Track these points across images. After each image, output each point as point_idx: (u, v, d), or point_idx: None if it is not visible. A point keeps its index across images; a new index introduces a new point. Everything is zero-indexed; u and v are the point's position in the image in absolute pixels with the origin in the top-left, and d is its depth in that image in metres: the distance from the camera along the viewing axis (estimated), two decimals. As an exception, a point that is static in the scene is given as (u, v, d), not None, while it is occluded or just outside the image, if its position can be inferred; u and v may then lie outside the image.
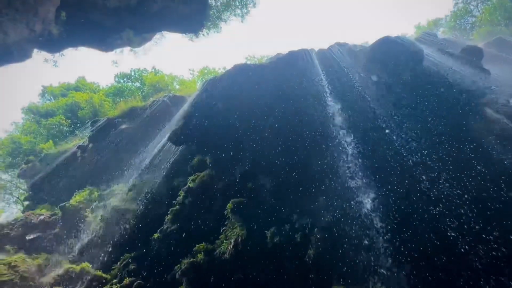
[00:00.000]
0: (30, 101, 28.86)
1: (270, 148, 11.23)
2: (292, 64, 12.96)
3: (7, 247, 14.27)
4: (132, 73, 31.50)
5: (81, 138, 22.34)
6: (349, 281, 7.11)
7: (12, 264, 12.02)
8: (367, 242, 7.49)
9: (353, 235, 7.80)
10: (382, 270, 6.91)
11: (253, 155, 11.46)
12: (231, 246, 9.38)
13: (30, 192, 21.33)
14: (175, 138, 14.11)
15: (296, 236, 8.62)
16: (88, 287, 11.01)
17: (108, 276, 11.19)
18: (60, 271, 11.64)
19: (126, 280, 10.42)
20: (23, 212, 19.37)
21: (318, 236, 8.18)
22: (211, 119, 13.02)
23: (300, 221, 8.88)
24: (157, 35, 18.39)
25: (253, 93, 12.69)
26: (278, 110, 11.89)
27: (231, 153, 11.96)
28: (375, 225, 7.69)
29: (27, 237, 14.84)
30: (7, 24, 8.44)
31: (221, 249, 9.63)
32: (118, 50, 16.14)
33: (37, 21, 9.40)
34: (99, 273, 11.25)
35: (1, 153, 25.85)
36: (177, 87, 29.28)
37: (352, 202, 8.39)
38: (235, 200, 10.44)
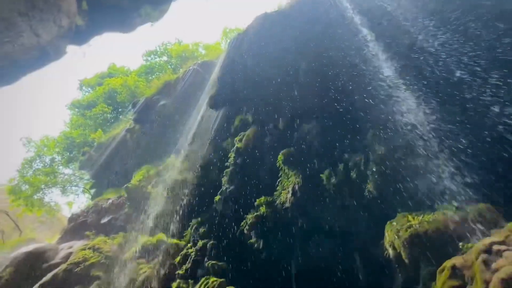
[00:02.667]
0: (73, 98, 30.11)
1: (308, 93, 11.06)
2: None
3: (87, 232, 15.63)
4: (158, 49, 31.67)
5: (126, 121, 23.20)
6: (414, 206, 7.07)
7: (96, 247, 13.23)
8: (424, 164, 7.33)
9: (410, 162, 7.65)
10: (444, 189, 6.79)
11: (293, 104, 11.37)
12: (289, 195, 9.62)
13: (93, 180, 22.88)
14: (212, 103, 14.28)
15: (351, 174, 8.63)
16: (166, 254, 11.86)
17: (182, 242, 11.98)
18: (138, 245, 12.63)
19: (200, 243, 11.11)
20: (92, 199, 20.92)
21: (374, 169, 8.13)
22: (244, 77, 12.96)
23: (353, 159, 8.83)
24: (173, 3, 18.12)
25: (280, 42, 12.37)
26: (309, 53, 11.54)
27: (270, 107, 11.94)
28: (432, 148, 7.48)
29: (102, 221, 16.13)
30: (37, 26, 8.69)
31: (280, 199, 9.91)
32: (139, 28, 16.18)
33: (62, 16, 9.57)
34: (174, 240, 12.06)
35: (59, 151, 27.61)
36: (203, 52, 29.15)
37: (403, 128, 8.17)
38: (285, 151, 10.55)
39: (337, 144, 9.60)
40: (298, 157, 10.23)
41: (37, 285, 12.57)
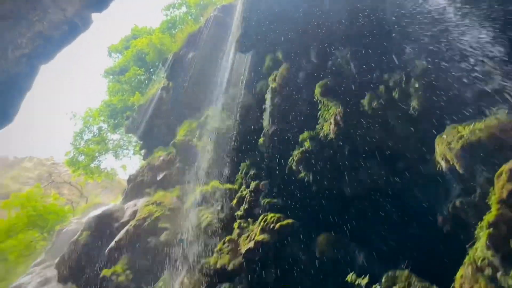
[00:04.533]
0: (106, 66, 30.72)
1: (336, 19, 10.56)
2: None
3: (146, 190, 16.72)
4: (176, 1, 30.93)
5: (159, 80, 23.54)
6: (463, 117, 6.86)
7: (158, 201, 14.21)
8: (469, 72, 6.98)
9: (454, 72, 7.31)
10: (494, 95, 6.48)
11: (321, 32, 10.96)
12: (332, 126, 9.63)
13: (141, 142, 23.92)
14: (240, 47, 14.06)
15: (393, 94, 8.42)
16: (223, 199, 12.54)
17: (235, 186, 12.55)
18: (196, 195, 13.41)
19: (252, 184, 11.59)
20: (144, 159, 22.06)
21: (417, 85, 7.86)
22: (268, 13, 12.53)
23: (393, 78, 8.57)
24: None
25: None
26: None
27: (299, 40, 11.60)
28: (477, 56, 7.06)
29: (158, 178, 17.10)
30: (59, 0, 8.80)
31: (323, 131, 9.95)
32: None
33: (80, -15, 9.55)
34: (228, 185, 12.66)
35: (103, 119, 28.87)
36: (221, -6, 28.15)
37: (443, 41, 7.71)
38: (321, 83, 10.39)
39: (374, 66, 9.30)
40: (335, 87, 10.06)
41: (113, 242, 13.89)
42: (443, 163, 6.65)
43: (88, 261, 14.85)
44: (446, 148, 6.44)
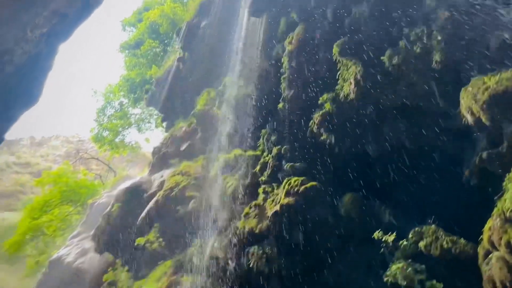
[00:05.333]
0: (121, 40, 30.71)
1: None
2: None
3: (171, 161, 17.11)
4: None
5: (175, 51, 23.45)
6: (488, 67, 6.63)
7: (183, 171, 14.57)
8: (492, 21, 6.66)
9: (477, 21, 6.98)
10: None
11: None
12: (352, 86, 9.47)
13: (162, 114, 24.22)
14: (253, 11, 13.77)
15: (415, 48, 8.16)
16: (246, 166, 12.72)
17: (258, 152, 12.68)
18: (219, 163, 13.65)
19: (274, 150, 11.68)
20: (166, 131, 22.42)
21: (439, 38, 7.57)
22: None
23: (414, 32, 8.27)
24: None
25: None
26: None
27: (313, -1, 11.27)
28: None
29: (181, 149, 17.42)
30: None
31: (343, 92, 9.81)
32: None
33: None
34: (250, 152, 12.80)
35: (123, 94, 29.24)
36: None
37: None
38: (339, 42, 10.16)
39: (394, 21, 8.97)
40: (354, 45, 9.81)
41: (143, 213, 14.46)
42: (468, 116, 6.51)
43: (121, 231, 15.57)
44: (471, 101, 6.28)
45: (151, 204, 14.42)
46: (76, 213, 27.33)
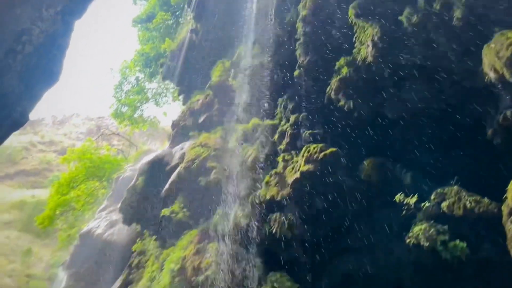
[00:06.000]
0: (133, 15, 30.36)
1: None
2: None
3: (190, 133, 17.30)
4: None
5: (187, 23, 23.15)
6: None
7: (203, 143, 14.75)
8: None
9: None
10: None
11: None
12: (370, 48, 9.26)
13: (178, 87, 24.28)
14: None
15: (434, 5, 7.87)
16: (264, 135, 12.77)
17: (276, 121, 12.68)
18: (238, 133, 13.75)
19: (292, 118, 11.66)
20: (183, 104, 22.55)
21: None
22: None
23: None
24: None
25: None
26: None
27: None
28: None
29: (199, 121, 17.55)
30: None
31: (361, 55, 9.61)
32: None
33: None
34: (268, 121, 12.82)
35: (139, 69, 29.33)
36: None
37: None
38: (354, 4, 9.90)
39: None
40: (370, 6, 9.50)
41: (167, 184, 14.83)
42: (491, 74, 6.33)
43: (147, 203, 16.09)
44: (494, 58, 6.08)
45: (173, 176, 14.76)
46: (102, 187, 28.26)
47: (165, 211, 13.97)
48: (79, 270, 24.89)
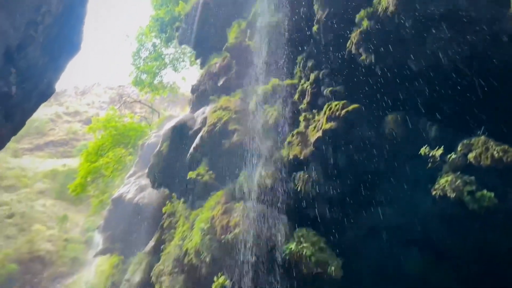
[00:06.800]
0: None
1: None
2: None
3: (211, 97, 17.34)
4: None
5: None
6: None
7: (224, 106, 14.81)
8: None
9: None
10: None
11: None
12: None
13: (195, 51, 24.06)
14: None
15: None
16: (285, 95, 12.70)
17: (295, 80, 12.56)
18: (258, 95, 13.71)
19: (311, 76, 11.51)
20: (201, 68, 22.44)
21: None
22: None
23: None
24: None
25: None
26: None
27: None
28: None
29: (218, 84, 17.51)
30: None
31: (382, 6, 9.25)
32: None
33: None
34: (287, 81, 12.71)
35: (155, 34, 29.08)
36: None
37: None
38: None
39: None
40: (392, -48, 8.99)
41: (191, 148, 15.13)
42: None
43: (173, 167, 16.54)
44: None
45: (197, 140, 15.01)
46: (129, 154, 29.08)
47: (191, 174, 14.36)
48: (114, 232, 26.25)
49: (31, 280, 35.98)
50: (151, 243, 18.23)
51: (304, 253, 9.26)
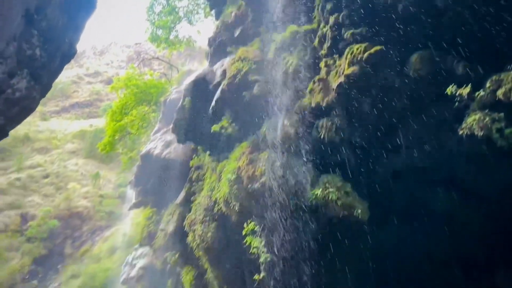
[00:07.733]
0: None
1: None
2: None
3: (228, 49, 17.10)
4: None
5: None
6: None
7: (242, 57, 14.60)
8: None
9: None
10: None
11: None
12: None
13: (209, 2, 23.40)
14: None
15: None
16: (304, 42, 12.35)
17: (314, 25, 12.12)
18: (276, 43, 13.39)
19: (331, 19, 11.03)
20: (216, 19, 21.91)
21: None
22: None
23: None
24: None
25: None
26: None
27: None
28: None
29: (235, 35, 17.17)
30: None
31: None
32: None
33: None
34: (305, 27, 12.30)
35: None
36: None
37: None
38: None
39: None
40: None
41: (213, 102, 15.23)
42: None
43: (196, 121, 16.80)
44: None
45: (218, 93, 15.04)
46: (152, 111, 29.56)
47: (215, 127, 14.58)
48: (145, 186, 27.45)
49: (72, 234, 38.62)
50: (181, 194, 19.03)
51: (330, 197, 9.49)
